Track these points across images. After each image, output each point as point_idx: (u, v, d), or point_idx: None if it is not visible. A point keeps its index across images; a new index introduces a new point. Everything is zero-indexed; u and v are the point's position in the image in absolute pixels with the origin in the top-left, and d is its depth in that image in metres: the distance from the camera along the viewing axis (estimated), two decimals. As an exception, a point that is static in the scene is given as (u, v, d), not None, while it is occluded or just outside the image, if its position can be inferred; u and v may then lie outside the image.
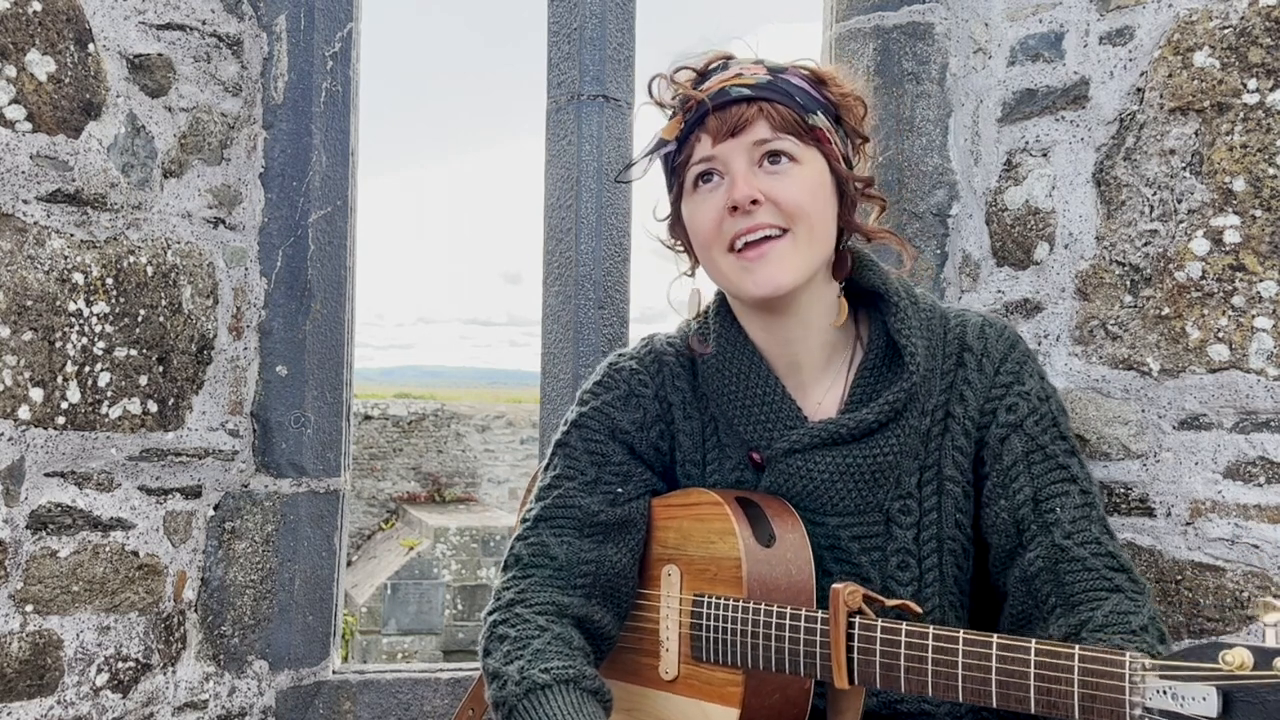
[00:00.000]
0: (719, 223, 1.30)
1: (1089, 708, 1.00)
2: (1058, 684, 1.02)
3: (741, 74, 1.31)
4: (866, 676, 1.16)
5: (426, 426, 14.25)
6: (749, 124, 1.28)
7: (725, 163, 1.29)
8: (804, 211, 1.28)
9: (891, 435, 1.34)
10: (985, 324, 1.40)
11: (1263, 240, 1.65)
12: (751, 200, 1.26)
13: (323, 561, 2.13)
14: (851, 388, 1.38)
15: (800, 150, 1.29)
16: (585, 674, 1.26)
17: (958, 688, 1.08)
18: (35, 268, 1.79)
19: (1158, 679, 0.96)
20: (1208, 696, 0.93)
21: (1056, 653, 1.03)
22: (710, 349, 1.42)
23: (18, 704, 1.76)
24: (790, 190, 1.28)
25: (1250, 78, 1.67)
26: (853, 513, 1.35)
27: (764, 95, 1.29)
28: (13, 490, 1.77)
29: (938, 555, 1.35)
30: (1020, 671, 1.04)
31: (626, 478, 1.41)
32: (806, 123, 1.30)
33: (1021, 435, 1.34)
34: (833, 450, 1.34)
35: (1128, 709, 0.97)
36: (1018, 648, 1.05)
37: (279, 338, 2.09)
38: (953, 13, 2.09)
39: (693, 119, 1.31)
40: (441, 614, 10.45)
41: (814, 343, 1.39)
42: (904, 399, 1.33)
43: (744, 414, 1.39)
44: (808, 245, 1.29)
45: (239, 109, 2.07)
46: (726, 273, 1.32)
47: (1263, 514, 1.65)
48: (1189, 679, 0.94)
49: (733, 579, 1.29)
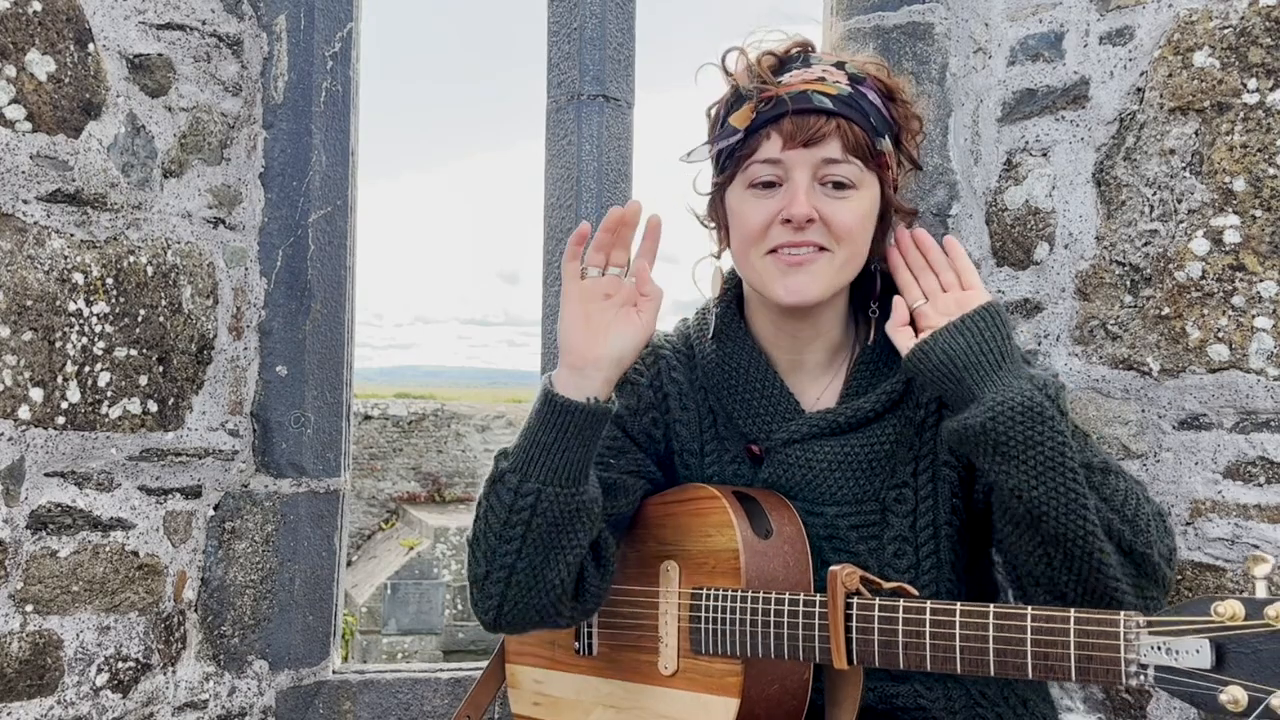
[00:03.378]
0: (766, 227, 1.31)
1: (1085, 668, 1.03)
2: (1054, 648, 1.05)
3: (824, 79, 1.31)
4: (865, 655, 1.18)
5: (426, 426, 14.25)
6: (824, 139, 1.28)
7: (788, 170, 1.30)
8: (852, 237, 1.31)
9: (888, 425, 1.37)
10: None
11: (1263, 240, 1.65)
12: (808, 220, 1.28)
13: (323, 561, 2.13)
14: (848, 381, 1.42)
15: (861, 175, 1.31)
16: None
17: (955, 659, 1.11)
18: (35, 268, 1.79)
19: (1151, 635, 0.99)
20: (1201, 649, 0.96)
21: (1052, 616, 1.05)
22: (712, 345, 1.43)
23: (18, 704, 1.76)
24: (845, 217, 1.30)
25: (1250, 78, 1.67)
26: (850, 502, 1.38)
27: (843, 112, 1.29)
28: (13, 490, 1.77)
29: (934, 542, 1.38)
30: (1017, 639, 1.07)
31: (620, 453, 1.44)
32: (875, 147, 1.31)
33: None
34: (831, 440, 1.37)
35: (1123, 666, 1.00)
36: (1014, 614, 1.08)
37: (279, 338, 2.09)
38: (953, 13, 2.09)
39: (767, 115, 1.30)
40: (441, 614, 10.45)
41: (821, 344, 1.42)
42: (901, 389, 1.37)
43: (744, 407, 1.41)
44: (844, 265, 1.32)
45: (239, 109, 2.07)
46: (760, 273, 1.33)
47: (1263, 514, 1.65)
48: (1182, 633, 0.97)
49: (731, 571, 1.30)
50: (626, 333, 1.30)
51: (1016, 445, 1.20)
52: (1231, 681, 0.93)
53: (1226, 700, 0.93)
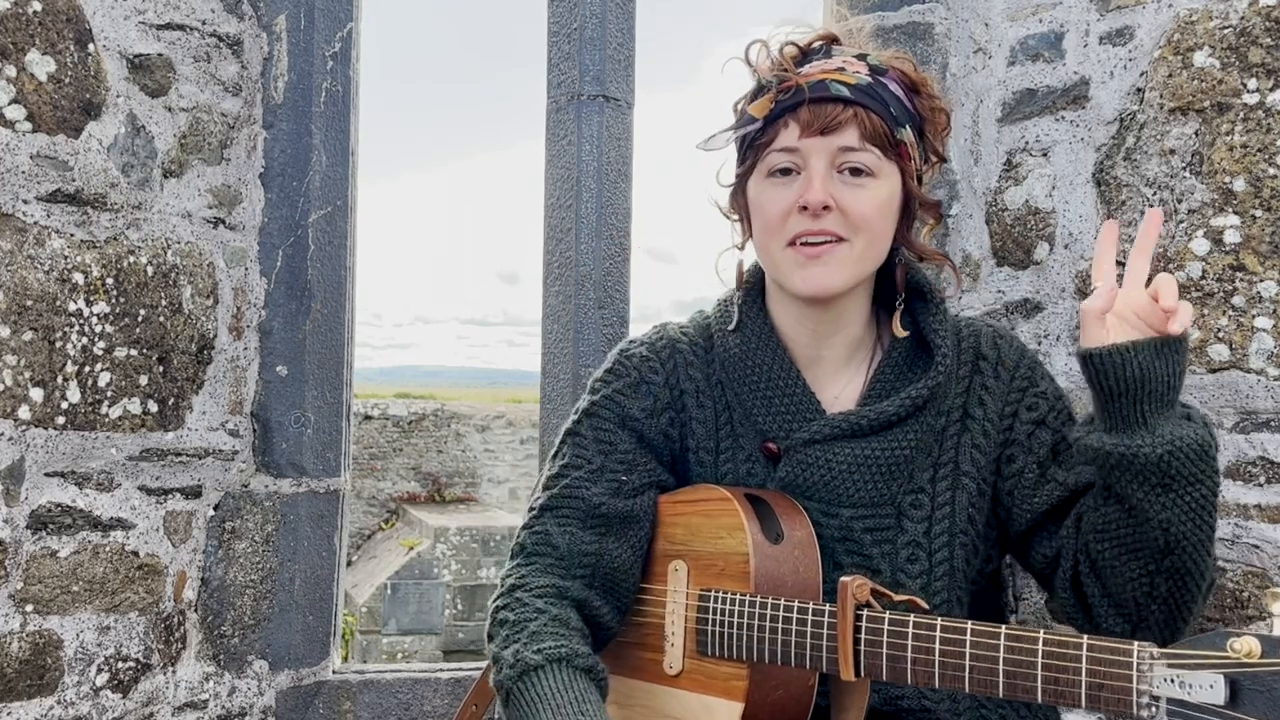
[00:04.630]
0: (785, 216, 1.31)
1: (1096, 696, 1.01)
2: (1065, 674, 1.02)
3: (844, 68, 1.31)
4: (873, 669, 1.16)
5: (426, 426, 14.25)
6: (841, 127, 1.28)
7: (805, 158, 1.30)
8: (869, 226, 1.30)
9: (910, 430, 1.36)
10: (996, 334, 1.44)
11: (1263, 240, 1.65)
12: (824, 206, 1.28)
13: (323, 561, 2.13)
14: (871, 382, 1.41)
15: (880, 164, 1.31)
16: (578, 652, 1.27)
17: (964, 679, 1.09)
18: (35, 268, 1.79)
19: (1165, 667, 0.96)
20: (1215, 684, 0.93)
21: (1065, 643, 1.03)
22: (735, 338, 1.43)
23: (18, 704, 1.76)
24: (861, 205, 1.29)
25: (1250, 78, 1.67)
26: (866, 505, 1.37)
27: (861, 100, 1.29)
28: (13, 490, 1.77)
29: (948, 549, 1.37)
30: (1028, 662, 1.05)
31: (632, 467, 1.42)
32: (894, 136, 1.31)
33: (1047, 430, 1.38)
34: (851, 442, 1.36)
35: (1135, 697, 0.98)
36: (1026, 638, 1.06)
37: (279, 338, 2.09)
38: (953, 13, 2.09)
39: (786, 104, 1.30)
40: (441, 614, 10.45)
41: (841, 339, 1.41)
42: (926, 395, 1.36)
43: (763, 403, 1.40)
44: (862, 256, 1.32)
45: (239, 109, 2.07)
46: (780, 264, 1.33)
47: (1263, 514, 1.65)
48: (1197, 667, 0.94)
49: (740, 574, 1.30)
50: None
51: (1182, 482, 1.19)
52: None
53: None
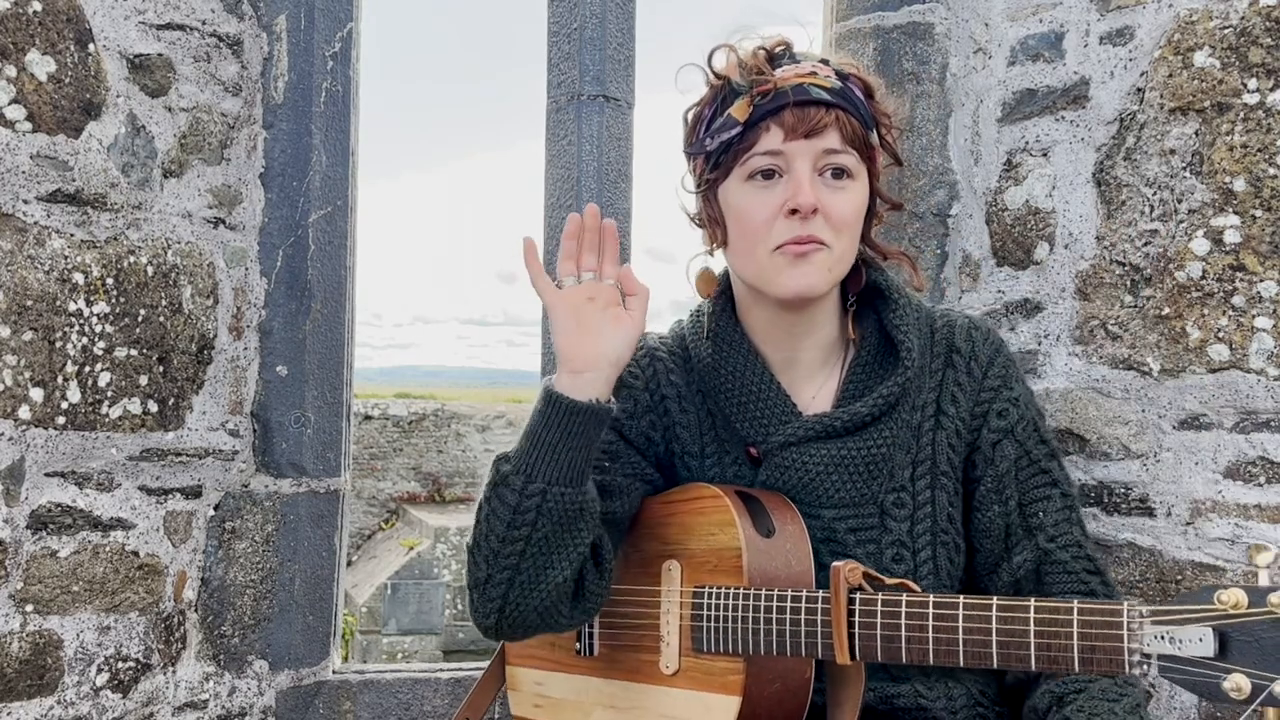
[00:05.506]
0: (771, 221, 1.31)
1: (1088, 659, 1.03)
2: (1057, 639, 1.05)
3: (816, 73, 1.32)
4: (868, 650, 1.18)
5: (426, 426, 14.26)
6: (824, 130, 1.29)
7: (789, 161, 1.30)
8: (849, 228, 1.32)
9: (885, 428, 1.37)
10: (971, 326, 1.45)
11: (1263, 240, 1.65)
12: (814, 209, 1.29)
13: (323, 561, 2.13)
14: (844, 383, 1.42)
15: (857, 166, 1.33)
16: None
17: (959, 653, 1.11)
18: (35, 268, 1.79)
19: (1154, 625, 0.99)
20: (1204, 637, 0.96)
21: (1056, 609, 1.06)
22: (707, 346, 1.43)
23: (18, 704, 1.76)
24: (843, 207, 1.31)
25: (1250, 78, 1.67)
26: (848, 505, 1.38)
27: (840, 104, 1.31)
28: (13, 490, 1.77)
29: (932, 548, 1.38)
30: (1020, 630, 1.07)
31: (615, 456, 1.43)
32: (868, 139, 1.33)
33: (1013, 441, 1.39)
34: (827, 443, 1.37)
35: (1126, 655, 1.00)
36: (1017, 607, 1.08)
37: (279, 338, 2.09)
38: (953, 13, 2.09)
39: (767, 108, 1.30)
40: (441, 614, 10.45)
41: (814, 341, 1.42)
42: (897, 393, 1.37)
43: (740, 410, 1.41)
44: (840, 258, 1.33)
45: (239, 109, 2.07)
46: (765, 268, 1.33)
47: (1263, 514, 1.65)
48: (1185, 622, 0.97)
49: (733, 569, 1.30)
50: (619, 333, 1.31)
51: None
52: (1234, 669, 0.94)
53: (1229, 688, 0.93)
